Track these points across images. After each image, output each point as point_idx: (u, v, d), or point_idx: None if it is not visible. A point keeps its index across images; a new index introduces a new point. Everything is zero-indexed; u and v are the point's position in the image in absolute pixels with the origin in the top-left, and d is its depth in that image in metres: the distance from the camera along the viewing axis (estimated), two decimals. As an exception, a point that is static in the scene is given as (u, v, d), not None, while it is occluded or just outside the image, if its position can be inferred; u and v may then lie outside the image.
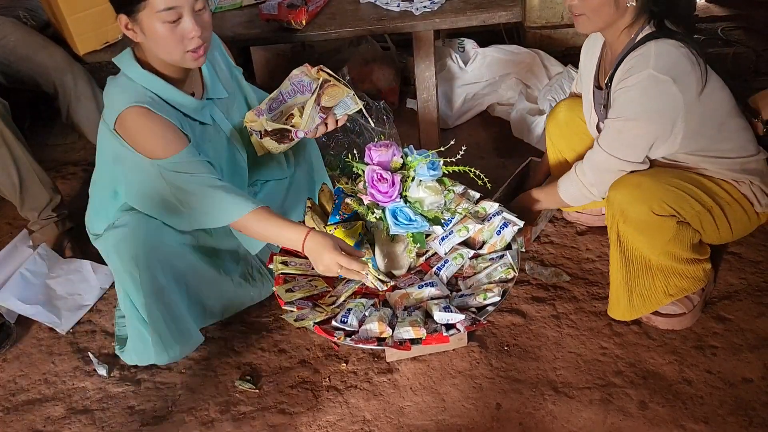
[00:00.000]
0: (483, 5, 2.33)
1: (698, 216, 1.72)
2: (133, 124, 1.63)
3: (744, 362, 1.80)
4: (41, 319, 2.14)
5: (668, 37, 1.63)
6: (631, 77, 1.64)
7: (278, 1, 2.32)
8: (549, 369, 1.83)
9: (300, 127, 1.72)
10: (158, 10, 1.56)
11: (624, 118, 1.69)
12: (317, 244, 1.64)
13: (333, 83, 1.73)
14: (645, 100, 1.64)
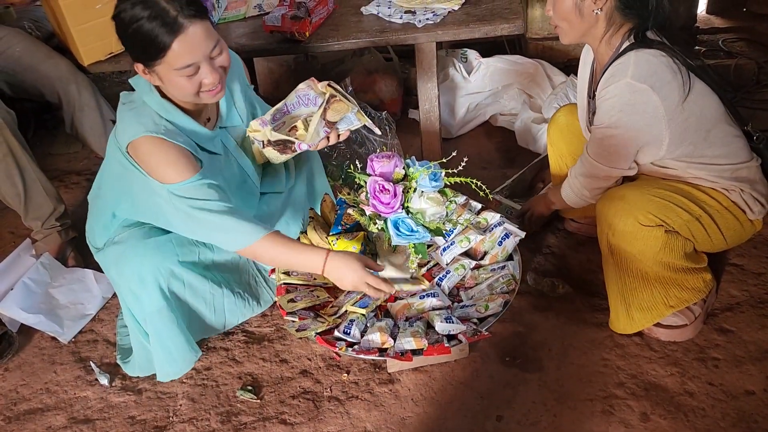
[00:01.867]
0: (485, 18, 2.34)
1: (686, 224, 1.73)
2: (146, 151, 1.62)
3: (746, 374, 1.79)
4: (43, 328, 2.14)
5: (648, 47, 1.66)
6: (610, 86, 1.67)
7: (282, 13, 2.34)
8: (551, 380, 1.83)
9: (305, 139, 1.73)
10: (176, 68, 1.55)
11: (605, 126, 1.73)
12: (340, 264, 1.64)
13: (339, 98, 1.74)
14: (623, 108, 1.67)
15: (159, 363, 1.89)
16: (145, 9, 1.49)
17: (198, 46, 1.55)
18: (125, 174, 1.69)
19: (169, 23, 1.50)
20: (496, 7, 2.41)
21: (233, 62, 1.83)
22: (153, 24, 1.49)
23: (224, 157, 1.82)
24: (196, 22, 1.53)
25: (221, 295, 1.94)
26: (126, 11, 1.51)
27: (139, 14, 1.50)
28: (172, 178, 1.62)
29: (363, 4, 2.54)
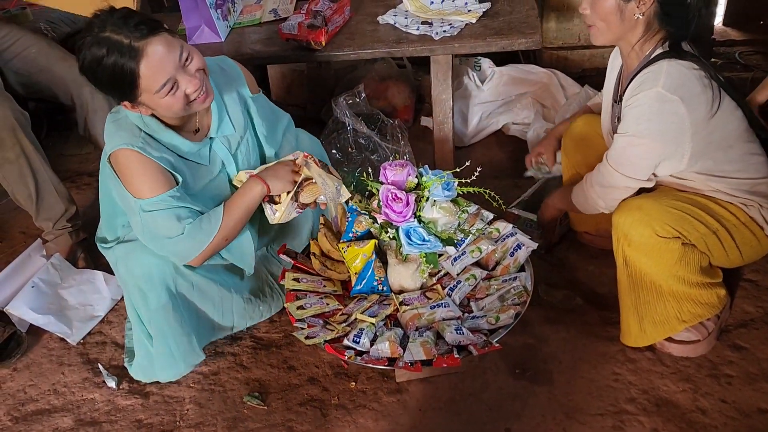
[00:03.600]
0: (503, 32, 2.33)
1: (703, 238, 1.71)
2: (123, 163, 1.68)
3: (760, 392, 1.77)
4: (52, 329, 2.14)
5: (681, 58, 1.64)
6: (640, 94, 1.64)
7: (298, 21, 2.34)
8: (560, 394, 1.81)
9: (276, 218, 1.81)
10: (155, 91, 1.57)
11: (630, 134, 1.69)
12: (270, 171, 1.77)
13: (311, 182, 1.80)
14: (651, 118, 1.64)
15: (159, 362, 1.89)
16: (100, 48, 1.53)
17: (164, 61, 1.56)
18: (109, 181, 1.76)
19: (126, 52, 1.52)
20: (513, 20, 2.40)
21: (230, 71, 1.85)
22: (112, 59, 1.52)
23: (211, 166, 1.83)
24: (152, 39, 1.54)
25: (230, 299, 1.94)
26: (86, 57, 1.55)
27: (97, 54, 1.53)
28: (144, 194, 1.67)
29: (379, 13, 2.54)
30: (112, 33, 1.52)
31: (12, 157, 2.20)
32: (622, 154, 1.73)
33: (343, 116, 2.69)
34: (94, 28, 1.54)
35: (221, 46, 2.47)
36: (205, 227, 1.71)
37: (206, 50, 2.43)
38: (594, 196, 1.84)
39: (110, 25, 1.52)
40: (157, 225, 1.69)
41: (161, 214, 1.67)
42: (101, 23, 1.53)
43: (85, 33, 1.55)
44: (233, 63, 1.89)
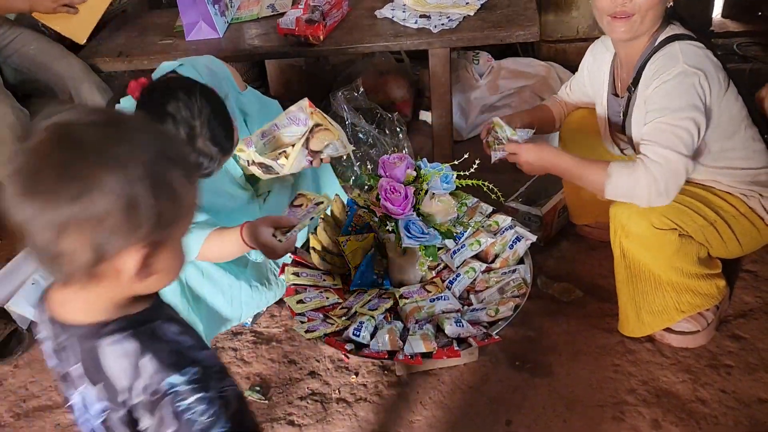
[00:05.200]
0: (501, 24, 2.33)
1: (701, 230, 1.71)
2: None
3: (759, 382, 1.77)
4: (53, 325, 2.15)
5: (690, 39, 1.65)
6: (663, 74, 1.63)
7: (297, 16, 2.33)
8: (561, 385, 1.82)
9: (286, 167, 1.75)
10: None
11: (670, 112, 1.60)
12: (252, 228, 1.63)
13: (324, 127, 1.75)
14: (682, 93, 1.61)
15: None
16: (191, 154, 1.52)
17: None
18: None
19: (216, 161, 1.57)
20: (511, 13, 2.40)
21: (219, 71, 1.85)
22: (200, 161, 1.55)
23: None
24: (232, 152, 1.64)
25: (238, 287, 1.95)
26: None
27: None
28: None
29: (377, 8, 2.54)
30: (206, 146, 1.53)
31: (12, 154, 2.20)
32: (672, 133, 1.59)
33: (341, 111, 2.69)
34: (181, 126, 1.49)
35: (219, 41, 2.47)
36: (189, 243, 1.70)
37: (204, 46, 2.43)
38: (657, 193, 1.60)
39: (206, 136, 1.52)
40: None
41: None
42: (192, 125, 1.50)
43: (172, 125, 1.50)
44: (221, 63, 1.90)
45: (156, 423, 0.87)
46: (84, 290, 0.85)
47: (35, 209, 0.77)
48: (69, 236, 0.77)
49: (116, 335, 0.87)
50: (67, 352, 0.90)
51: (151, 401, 0.86)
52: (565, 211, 2.28)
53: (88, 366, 0.88)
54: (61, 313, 0.90)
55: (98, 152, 0.78)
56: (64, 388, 0.98)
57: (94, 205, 0.76)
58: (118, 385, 0.87)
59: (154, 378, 0.85)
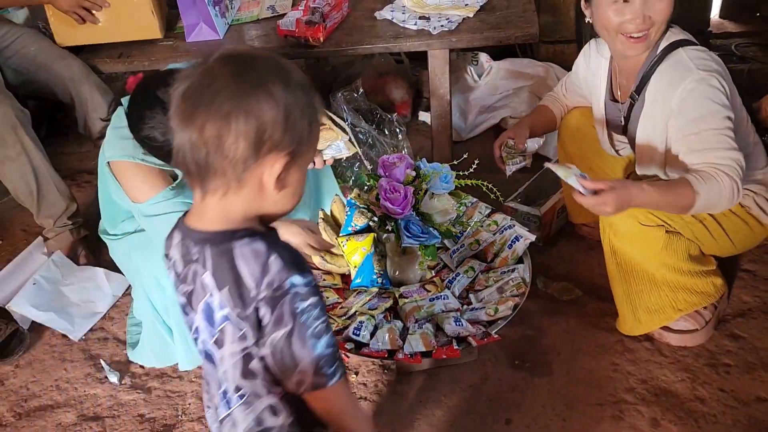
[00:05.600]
0: (500, 26, 2.33)
1: (688, 226, 1.71)
2: (122, 172, 1.72)
3: (758, 381, 1.78)
4: (54, 325, 2.16)
5: (690, 44, 1.65)
6: (683, 84, 1.60)
7: (297, 17, 2.34)
8: (560, 384, 1.82)
9: None
10: None
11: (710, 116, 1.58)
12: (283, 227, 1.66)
13: (327, 126, 1.75)
14: (711, 96, 1.59)
15: (180, 350, 1.91)
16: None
17: None
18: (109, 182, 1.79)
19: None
20: (510, 14, 2.41)
21: None
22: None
23: None
24: None
25: None
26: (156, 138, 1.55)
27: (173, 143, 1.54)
28: (141, 198, 1.70)
29: (377, 9, 2.54)
30: None
31: (13, 155, 2.21)
32: (723, 135, 1.57)
33: (341, 112, 2.70)
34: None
35: (219, 43, 2.48)
36: None
37: (204, 47, 2.44)
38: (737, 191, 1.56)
39: None
40: (157, 230, 1.70)
41: (159, 219, 1.69)
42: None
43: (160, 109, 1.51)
44: None
45: (274, 319, 0.95)
46: (224, 200, 0.96)
47: (208, 111, 0.90)
48: (233, 133, 0.90)
49: (247, 239, 0.97)
50: (197, 263, 1.00)
51: (274, 297, 0.94)
52: (564, 211, 2.29)
53: (218, 269, 0.97)
54: (198, 224, 1.00)
55: (268, 70, 0.93)
56: (187, 314, 1.06)
57: (260, 107, 0.91)
58: (248, 282, 0.95)
59: (279, 275, 0.94)
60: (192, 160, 0.93)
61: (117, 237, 1.93)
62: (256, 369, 1.01)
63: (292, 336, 0.95)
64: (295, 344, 0.96)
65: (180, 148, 0.94)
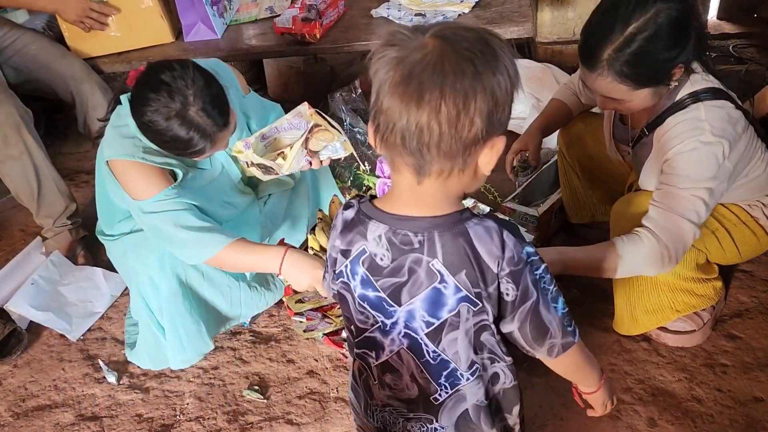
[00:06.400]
0: (495, 21, 2.35)
1: (701, 237, 1.69)
2: (122, 171, 1.70)
3: (755, 381, 1.78)
4: (52, 325, 2.16)
5: (713, 97, 1.57)
6: (687, 141, 1.55)
7: (293, 15, 2.35)
8: (558, 384, 1.82)
9: (284, 167, 1.75)
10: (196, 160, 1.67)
11: (691, 180, 1.55)
12: (295, 262, 1.64)
13: (323, 128, 1.76)
14: (705, 163, 1.55)
15: (171, 350, 1.91)
16: (182, 126, 1.54)
17: (225, 143, 1.67)
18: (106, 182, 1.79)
19: (207, 137, 1.58)
20: (505, 10, 2.42)
21: (225, 74, 1.86)
22: (191, 135, 1.56)
23: (212, 170, 1.86)
24: (226, 131, 1.63)
25: (238, 289, 1.96)
26: (159, 122, 1.54)
27: (175, 129, 1.54)
28: (142, 196, 1.69)
29: (373, 7, 2.55)
30: (199, 116, 1.54)
31: (16, 153, 2.21)
32: (689, 201, 1.55)
33: (339, 112, 2.70)
34: (176, 96, 1.52)
35: (217, 42, 2.48)
36: (205, 246, 1.70)
37: (203, 47, 2.44)
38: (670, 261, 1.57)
39: (198, 105, 1.54)
40: (156, 228, 1.71)
41: (160, 217, 1.69)
42: (185, 94, 1.52)
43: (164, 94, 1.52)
44: (225, 66, 1.91)
45: (521, 293, 0.98)
46: (445, 183, 0.93)
47: (443, 90, 0.85)
48: (470, 112, 0.87)
49: (476, 218, 0.97)
50: (417, 253, 0.97)
51: (516, 270, 0.96)
52: (562, 212, 2.29)
53: (453, 253, 0.95)
54: (415, 211, 0.97)
55: (497, 46, 0.90)
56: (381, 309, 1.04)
57: (498, 84, 0.88)
58: (488, 260, 0.95)
59: (516, 249, 0.96)
60: (417, 143, 0.88)
61: (113, 237, 1.93)
62: (487, 340, 1.04)
63: (538, 305, 0.99)
64: (543, 311, 1.00)
65: (404, 131, 0.88)
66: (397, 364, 1.08)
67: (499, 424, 1.14)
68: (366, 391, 1.17)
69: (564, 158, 2.15)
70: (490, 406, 1.11)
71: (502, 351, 1.08)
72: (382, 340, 1.07)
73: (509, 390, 1.13)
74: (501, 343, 1.07)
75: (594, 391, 1.22)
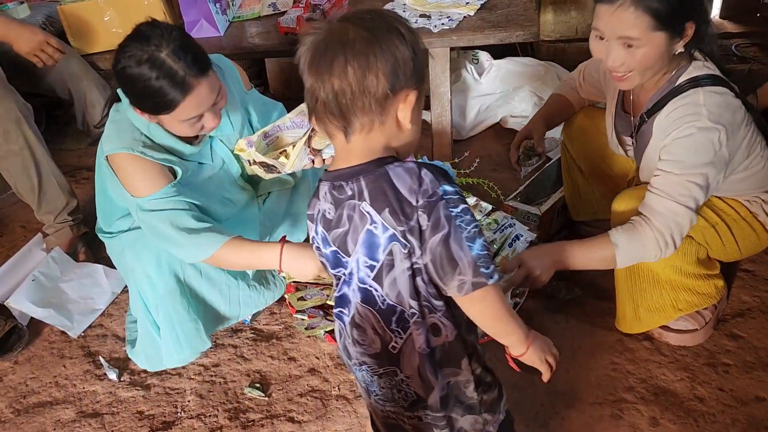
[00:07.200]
0: (500, 24, 2.34)
1: (701, 230, 1.71)
2: (121, 165, 1.69)
3: (757, 380, 1.78)
4: (53, 322, 2.15)
5: (713, 83, 1.57)
6: (683, 127, 1.55)
7: (297, 15, 2.34)
8: (559, 383, 1.82)
9: (287, 166, 1.75)
10: (181, 120, 1.60)
11: (687, 166, 1.56)
12: (296, 254, 1.63)
13: None
14: (702, 149, 1.55)
15: (167, 349, 1.90)
16: (152, 69, 1.51)
17: (204, 101, 1.60)
18: (106, 179, 1.78)
19: (179, 83, 1.53)
20: (511, 13, 2.41)
21: (228, 69, 1.86)
22: (161, 83, 1.52)
23: (212, 164, 1.85)
24: (202, 79, 1.57)
25: (237, 287, 1.96)
26: (131, 68, 1.53)
27: (146, 73, 1.52)
28: (141, 193, 1.68)
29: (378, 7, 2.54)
30: (170, 59, 1.52)
31: (16, 149, 2.21)
32: (684, 187, 1.57)
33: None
34: (151, 42, 1.51)
35: (220, 40, 2.48)
36: (202, 246, 1.70)
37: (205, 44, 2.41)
38: (666, 245, 1.59)
39: (170, 48, 1.52)
40: (154, 226, 1.70)
41: (157, 215, 1.68)
42: (159, 41, 1.51)
43: (139, 41, 1.52)
44: (229, 61, 1.91)
45: (432, 224, 1.04)
46: (369, 137, 1.06)
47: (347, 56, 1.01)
48: (373, 70, 1.01)
49: (396, 161, 1.08)
50: (352, 199, 1.09)
51: (429, 203, 1.04)
52: (564, 210, 2.29)
53: (377, 193, 1.06)
54: (345, 164, 1.09)
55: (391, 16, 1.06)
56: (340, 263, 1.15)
57: (395, 45, 1.02)
58: (407, 195, 1.05)
59: (432, 184, 1.04)
60: (337, 105, 1.03)
61: (112, 235, 1.93)
62: (420, 286, 1.10)
63: (449, 238, 1.04)
64: (453, 246, 1.04)
65: (325, 99, 1.03)
66: (359, 320, 1.17)
67: (444, 379, 1.18)
68: (345, 353, 1.24)
69: (567, 152, 2.15)
70: (432, 356, 1.15)
71: (434, 299, 1.11)
72: (347, 293, 1.16)
73: (452, 342, 1.16)
74: (432, 291, 1.11)
75: (524, 351, 1.25)
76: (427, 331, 1.13)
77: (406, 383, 1.19)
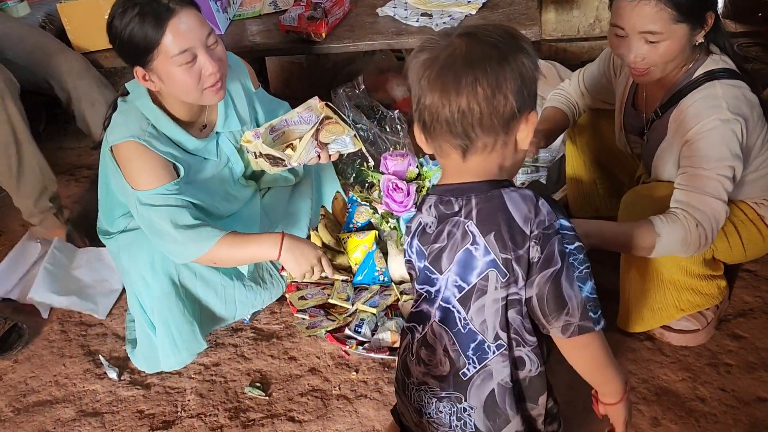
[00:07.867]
0: (502, 23, 2.33)
1: None
2: (126, 156, 1.67)
3: (759, 381, 1.78)
4: (78, 308, 2.16)
5: (729, 77, 1.57)
6: (706, 121, 1.55)
7: (299, 13, 2.33)
8: (560, 383, 1.80)
9: (294, 158, 1.74)
10: (173, 55, 1.57)
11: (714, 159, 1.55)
12: (294, 245, 1.66)
13: (334, 120, 1.75)
14: (726, 141, 1.55)
15: (163, 351, 1.89)
16: (135, 6, 1.54)
17: (192, 30, 1.58)
18: (110, 173, 1.77)
19: (163, 7, 1.54)
20: (513, 12, 2.40)
21: (236, 66, 1.85)
22: (148, 8, 1.54)
23: (217, 161, 1.85)
24: (187, 8, 1.58)
25: (232, 287, 1.95)
26: (118, 16, 1.56)
27: (129, 13, 1.54)
28: (143, 186, 1.67)
29: (379, 5, 2.54)
30: None
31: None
32: (716, 181, 1.56)
33: (342, 108, 2.69)
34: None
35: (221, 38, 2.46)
36: (198, 242, 1.70)
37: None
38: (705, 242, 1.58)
39: None
40: (152, 222, 1.69)
41: (156, 211, 1.68)
42: None
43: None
44: (238, 59, 1.91)
45: (544, 258, 1.01)
46: (488, 158, 1.04)
47: (476, 75, 0.97)
48: (503, 90, 0.98)
49: (513, 187, 1.04)
50: (458, 216, 1.06)
51: (545, 235, 1.01)
52: (566, 208, 2.29)
53: (486, 215, 1.03)
54: (458, 180, 1.07)
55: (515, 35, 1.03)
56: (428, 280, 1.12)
57: (523, 64, 1.00)
58: (520, 222, 1.01)
59: (549, 216, 1.01)
60: (462, 125, 0.99)
61: (111, 236, 1.92)
62: (514, 318, 1.07)
63: (561, 275, 1.00)
64: (564, 284, 1.01)
65: (449, 118, 0.99)
66: (431, 339, 1.13)
67: (523, 413, 1.15)
68: (404, 370, 1.21)
69: (573, 145, 2.13)
70: (514, 390, 1.11)
71: (527, 333, 1.08)
72: (429, 310, 1.13)
73: (535, 378, 1.14)
74: (527, 326, 1.08)
75: (616, 402, 1.19)
76: (511, 364, 1.10)
77: (468, 413, 1.15)
